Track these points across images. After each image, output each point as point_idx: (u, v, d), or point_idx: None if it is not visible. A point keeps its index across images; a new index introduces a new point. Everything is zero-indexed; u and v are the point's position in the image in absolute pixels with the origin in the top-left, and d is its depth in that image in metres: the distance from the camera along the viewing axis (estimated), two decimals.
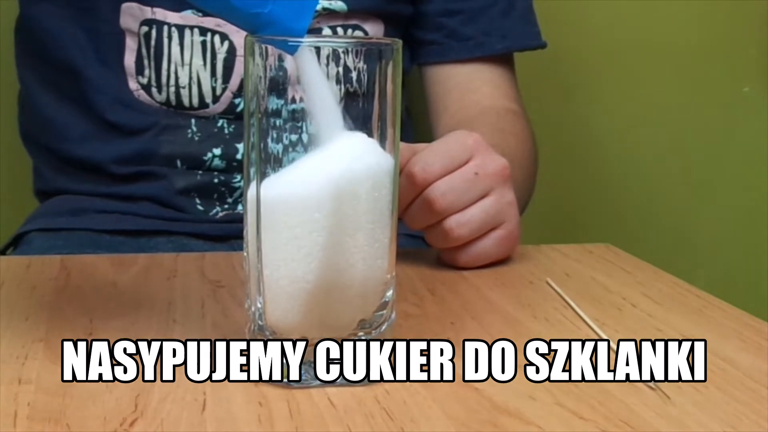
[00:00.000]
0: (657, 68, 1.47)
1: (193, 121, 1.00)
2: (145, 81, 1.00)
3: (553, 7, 1.36)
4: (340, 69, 0.53)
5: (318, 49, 0.53)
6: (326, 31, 1.01)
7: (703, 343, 0.65)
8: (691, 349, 0.64)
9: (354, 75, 0.54)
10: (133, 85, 1.00)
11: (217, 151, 1.00)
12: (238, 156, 1.00)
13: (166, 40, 0.99)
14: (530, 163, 1.04)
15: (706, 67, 1.49)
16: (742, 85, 1.50)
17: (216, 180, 1.00)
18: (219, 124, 1.00)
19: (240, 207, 1.00)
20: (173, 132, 1.00)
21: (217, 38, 0.99)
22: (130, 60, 1.00)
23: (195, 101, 1.00)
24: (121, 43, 1.00)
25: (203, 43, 0.99)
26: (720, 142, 1.52)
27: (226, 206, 1.01)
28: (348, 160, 0.53)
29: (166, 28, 0.99)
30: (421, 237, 1.05)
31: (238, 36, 0.99)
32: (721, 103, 1.50)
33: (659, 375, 0.58)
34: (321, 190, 0.53)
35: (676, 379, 0.59)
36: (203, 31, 0.99)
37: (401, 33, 1.09)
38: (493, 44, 1.09)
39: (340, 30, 1.02)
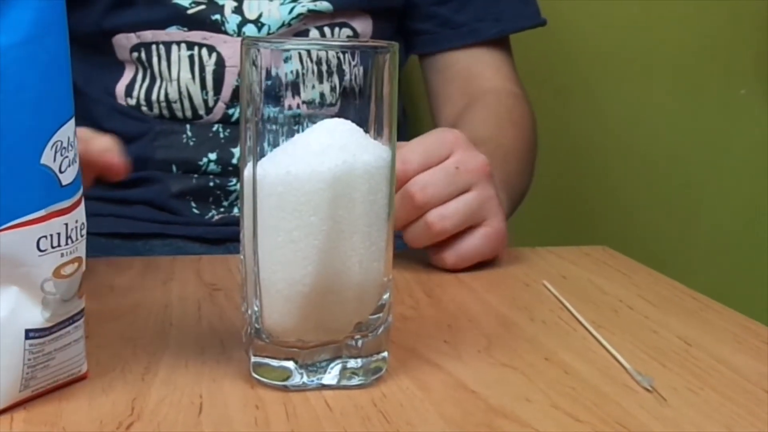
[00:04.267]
0: (654, 70, 1.47)
1: (188, 126, 1.00)
2: (133, 102, 1.01)
3: (550, 9, 1.36)
4: (337, 71, 0.53)
5: (315, 52, 0.53)
6: (313, 32, 1.01)
7: (699, 345, 0.65)
8: (688, 352, 0.64)
9: (351, 77, 0.54)
10: (123, 103, 1.01)
11: (213, 156, 0.99)
12: (234, 160, 1.00)
13: (155, 59, 0.99)
14: (528, 152, 1.03)
15: (703, 69, 1.49)
16: (739, 87, 1.50)
17: (211, 183, 1.00)
18: (214, 129, 1.00)
19: (235, 210, 1.00)
20: (168, 137, 1.00)
21: (204, 51, 0.99)
22: (121, 85, 1.01)
23: (188, 114, 1.00)
24: (121, 72, 1.01)
25: (190, 57, 0.99)
26: (717, 144, 1.52)
27: (221, 209, 1.01)
28: (344, 163, 0.53)
29: (154, 47, 0.99)
30: None
31: (225, 47, 0.99)
32: (718, 105, 1.50)
33: (655, 377, 0.58)
34: (317, 194, 0.53)
35: (673, 381, 0.59)
36: (190, 45, 0.99)
37: (391, 26, 1.08)
38: (488, 29, 1.09)
39: (327, 29, 1.02)
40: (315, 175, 0.53)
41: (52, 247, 0.51)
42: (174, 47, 0.99)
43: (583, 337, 0.66)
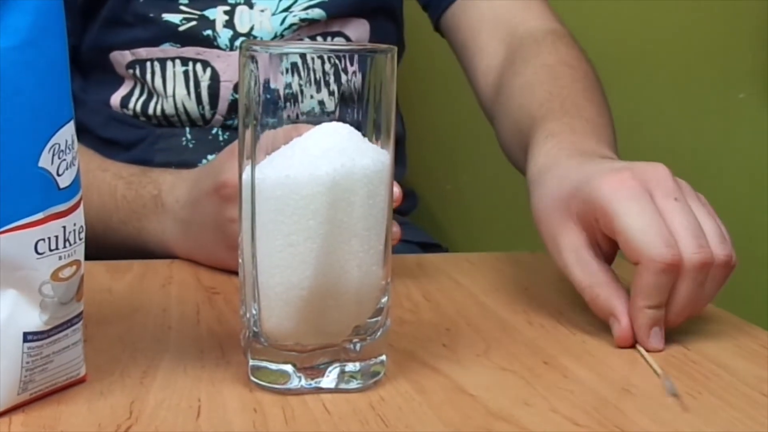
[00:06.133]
0: (653, 74, 1.48)
1: (187, 129, 1.00)
2: (130, 113, 1.01)
3: None
4: (335, 76, 0.53)
5: (314, 57, 0.53)
6: (306, 41, 1.00)
7: (698, 349, 0.65)
8: (687, 356, 0.64)
9: (349, 81, 0.54)
10: (119, 113, 1.01)
11: (212, 158, 0.99)
12: None
13: (149, 75, 0.99)
14: (596, 83, 0.92)
15: (702, 73, 1.49)
16: (738, 91, 1.50)
17: None
18: (214, 132, 1.00)
19: None
20: (167, 140, 1.00)
21: (198, 66, 0.99)
22: (117, 96, 1.01)
23: (186, 125, 1.00)
24: (119, 84, 1.02)
25: (185, 72, 0.99)
26: (716, 148, 1.52)
27: None
28: (342, 167, 0.53)
29: (149, 64, 0.99)
30: (416, 243, 1.05)
31: (219, 62, 0.99)
32: (717, 109, 1.50)
33: (654, 381, 0.58)
34: (316, 198, 0.53)
35: (672, 384, 0.59)
36: (184, 61, 0.99)
37: (390, 29, 1.07)
38: None
39: (320, 39, 1.00)
40: (313, 179, 0.53)
41: (50, 250, 0.51)
42: (169, 63, 0.99)
43: (582, 341, 0.66)
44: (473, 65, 1.01)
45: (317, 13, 1.00)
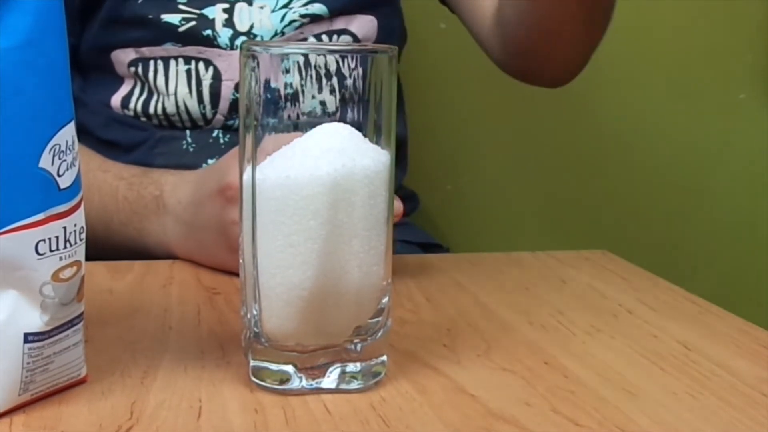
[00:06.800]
0: (653, 74, 1.48)
1: (188, 132, 1.00)
2: (131, 114, 1.00)
3: None
4: (336, 76, 0.53)
5: (315, 56, 0.53)
6: (311, 41, 0.99)
7: (699, 349, 0.65)
8: (687, 356, 0.64)
9: (350, 82, 0.54)
10: (120, 113, 1.01)
11: (212, 162, 0.99)
12: None
13: (152, 74, 0.99)
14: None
15: (702, 74, 1.49)
16: (739, 91, 1.50)
17: None
18: (214, 135, 1.00)
19: None
20: (168, 143, 1.00)
21: (201, 65, 0.98)
22: (117, 97, 1.01)
23: (187, 125, 1.00)
24: (118, 85, 1.01)
25: (188, 71, 0.98)
26: (716, 148, 1.52)
27: None
28: (343, 167, 0.53)
29: (152, 62, 0.99)
30: (417, 243, 1.05)
31: (220, 61, 0.98)
32: (717, 109, 1.51)
33: (655, 382, 0.58)
34: (316, 198, 0.53)
35: (672, 385, 0.59)
36: (187, 59, 0.98)
37: (397, 23, 1.06)
38: None
39: (325, 37, 1.00)
40: (314, 179, 0.53)
41: (51, 251, 0.51)
42: (172, 62, 0.98)
43: (583, 341, 0.66)
44: (476, 5, 1.00)
45: (318, 8, 0.99)
